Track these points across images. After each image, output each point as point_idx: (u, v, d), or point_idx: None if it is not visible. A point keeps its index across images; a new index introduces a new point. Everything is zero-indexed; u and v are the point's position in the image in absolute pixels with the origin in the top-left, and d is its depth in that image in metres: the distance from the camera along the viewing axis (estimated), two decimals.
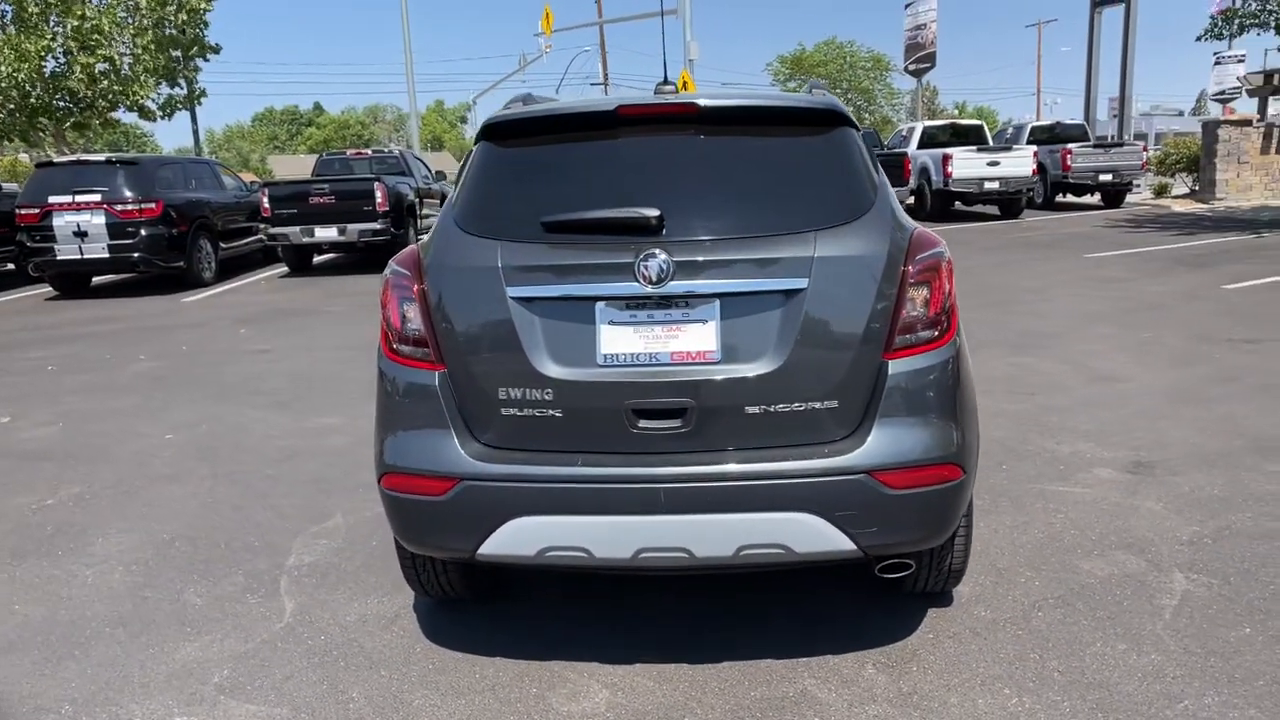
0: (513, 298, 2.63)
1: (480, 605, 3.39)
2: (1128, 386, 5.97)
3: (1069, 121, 23.57)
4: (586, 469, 2.59)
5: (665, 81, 3.12)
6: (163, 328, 10.13)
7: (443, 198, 17.59)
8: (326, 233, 13.72)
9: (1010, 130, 24.25)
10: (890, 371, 2.62)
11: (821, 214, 2.66)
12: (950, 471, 2.65)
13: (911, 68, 26.08)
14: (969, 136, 21.26)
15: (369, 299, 11.55)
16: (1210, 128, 21.21)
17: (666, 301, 2.59)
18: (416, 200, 15.22)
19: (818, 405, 2.60)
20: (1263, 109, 23.13)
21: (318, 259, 15.75)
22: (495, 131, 2.92)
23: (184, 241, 12.87)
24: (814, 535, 2.56)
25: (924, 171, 19.66)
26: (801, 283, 2.57)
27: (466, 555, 2.71)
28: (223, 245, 14.06)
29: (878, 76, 53.90)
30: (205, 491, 4.77)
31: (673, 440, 2.61)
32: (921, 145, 20.78)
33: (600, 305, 2.61)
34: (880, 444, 2.58)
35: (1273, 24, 14.60)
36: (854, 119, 2.93)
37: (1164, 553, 3.58)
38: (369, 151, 17.61)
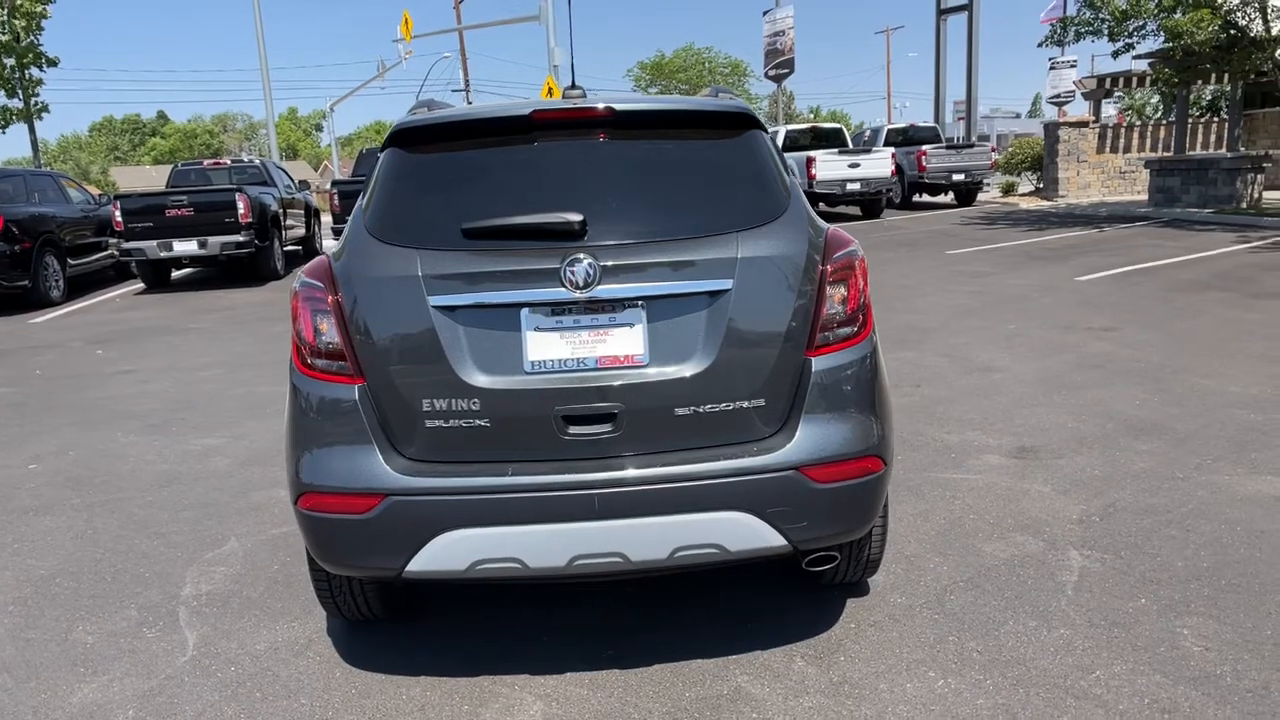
0: (434, 306, 2.55)
1: (397, 624, 3.28)
2: (1003, 376, 6.30)
3: (922, 124, 24.74)
4: (517, 478, 2.54)
5: (573, 86, 3.09)
6: (11, 351, 9.40)
7: (306, 208, 16.98)
8: (186, 246, 13.01)
9: (868, 133, 25.25)
10: (813, 369, 2.67)
11: (741, 215, 2.70)
12: (872, 464, 2.73)
13: (771, 73, 26.86)
14: (830, 140, 22.01)
15: (237, 314, 11.05)
16: (1051, 129, 22.71)
17: (593, 306, 2.57)
18: (280, 211, 14.63)
19: (745, 404, 2.63)
20: (1096, 111, 24.96)
21: (176, 274, 14.97)
22: (405, 138, 2.84)
23: (28, 259, 11.98)
24: (747, 533, 2.59)
25: None
26: (726, 283, 2.60)
27: (393, 574, 2.62)
28: (71, 262, 13.17)
29: (735, 82, 55.20)
30: (82, 523, 4.45)
31: (603, 445, 2.59)
32: (784, 149, 21.39)
33: (525, 311, 2.57)
34: (807, 440, 2.64)
35: (1105, 31, 15.81)
36: (762, 122, 2.98)
37: (1057, 532, 3.78)
38: (227, 161, 16.82)
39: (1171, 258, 11.61)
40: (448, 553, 2.55)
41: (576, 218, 2.56)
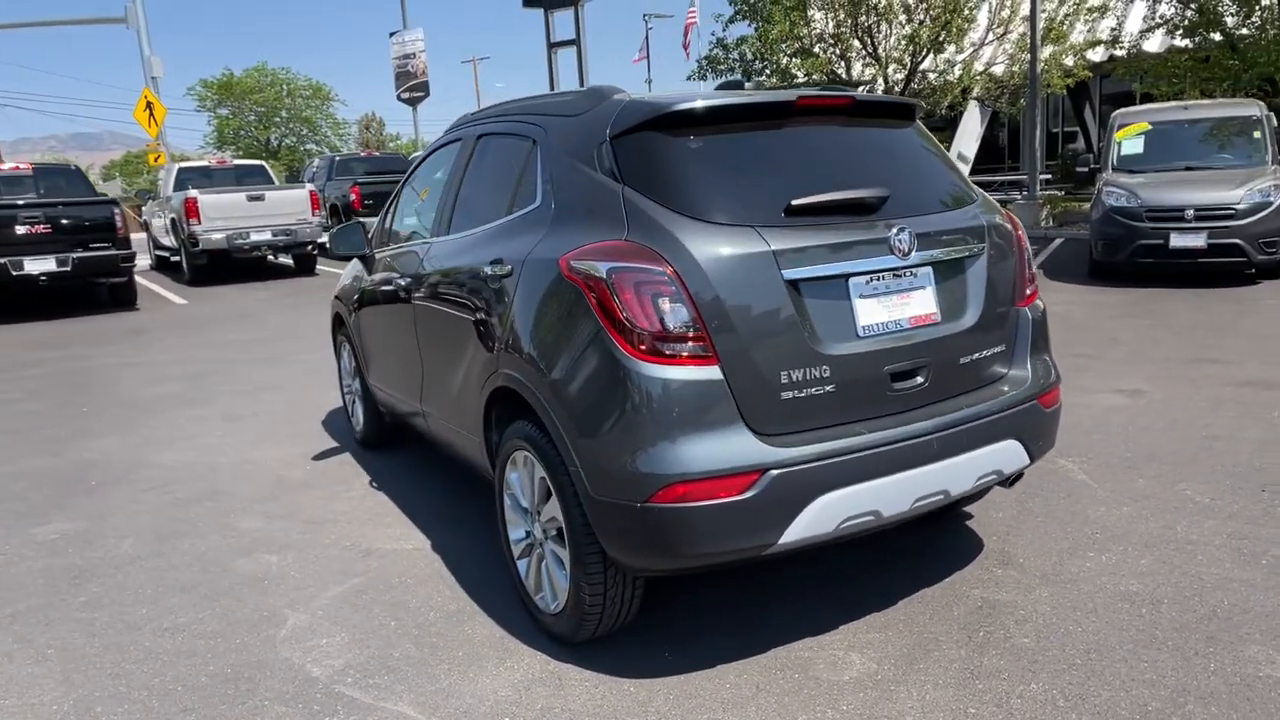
0: (787, 280, 2.65)
1: (633, 634, 3.16)
2: None
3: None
4: (870, 435, 2.74)
5: (748, 77, 3.29)
6: None
7: None
8: None
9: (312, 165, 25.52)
10: (1028, 317, 3.23)
11: (964, 192, 3.17)
12: (1059, 391, 3.33)
13: (404, 96, 26.32)
14: (253, 180, 19.86)
15: None
16: None
17: (899, 273, 2.85)
18: None
19: (994, 350, 3.10)
20: None
21: None
22: (671, 121, 2.84)
23: None
24: (1014, 456, 3.07)
25: None
26: (982, 247, 3.04)
27: (761, 550, 2.66)
28: None
29: (319, 106, 52.69)
30: (14, 647, 3.39)
31: (918, 396, 2.89)
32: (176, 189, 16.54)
33: (852, 280, 2.77)
34: (1035, 375, 3.18)
35: (739, 70, 18.33)
36: None
37: None
38: None
39: None
40: (821, 517, 2.67)
41: (884, 192, 2.84)
